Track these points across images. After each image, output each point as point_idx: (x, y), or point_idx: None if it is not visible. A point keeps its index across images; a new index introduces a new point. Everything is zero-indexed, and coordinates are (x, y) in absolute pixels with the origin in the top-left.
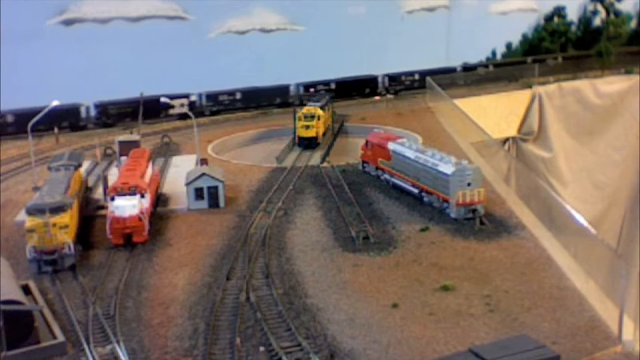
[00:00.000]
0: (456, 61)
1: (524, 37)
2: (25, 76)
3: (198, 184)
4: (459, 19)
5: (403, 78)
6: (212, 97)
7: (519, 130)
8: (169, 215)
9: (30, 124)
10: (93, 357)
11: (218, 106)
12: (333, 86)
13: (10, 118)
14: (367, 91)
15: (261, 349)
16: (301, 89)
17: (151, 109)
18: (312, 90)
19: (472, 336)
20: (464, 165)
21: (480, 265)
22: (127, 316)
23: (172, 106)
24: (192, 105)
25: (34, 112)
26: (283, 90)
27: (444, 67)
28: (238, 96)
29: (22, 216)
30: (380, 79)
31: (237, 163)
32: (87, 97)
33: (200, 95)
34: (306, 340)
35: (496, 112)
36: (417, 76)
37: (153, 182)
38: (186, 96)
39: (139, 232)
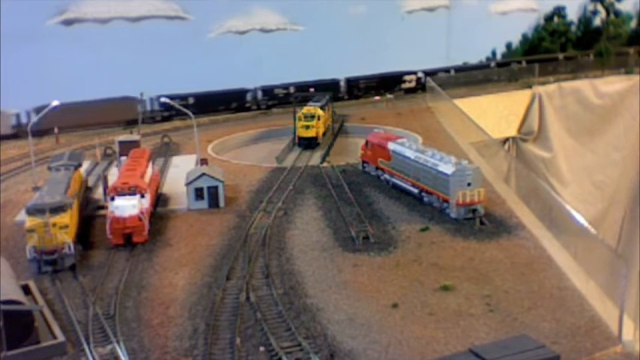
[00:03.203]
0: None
1: (524, 37)
2: (25, 76)
3: (198, 184)
4: (459, 19)
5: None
6: (431, 73)
7: (519, 130)
8: (169, 215)
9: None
10: (93, 357)
11: (438, 81)
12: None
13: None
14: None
15: (261, 349)
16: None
17: (391, 82)
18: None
19: (472, 336)
20: (464, 165)
21: (480, 265)
22: (127, 316)
23: (404, 81)
24: (419, 81)
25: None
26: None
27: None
28: (452, 72)
29: (22, 216)
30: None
31: (237, 163)
32: (87, 97)
33: (423, 72)
34: (306, 340)
35: (496, 112)
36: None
37: (153, 182)
38: (415, 72)
39: (139, 232)
